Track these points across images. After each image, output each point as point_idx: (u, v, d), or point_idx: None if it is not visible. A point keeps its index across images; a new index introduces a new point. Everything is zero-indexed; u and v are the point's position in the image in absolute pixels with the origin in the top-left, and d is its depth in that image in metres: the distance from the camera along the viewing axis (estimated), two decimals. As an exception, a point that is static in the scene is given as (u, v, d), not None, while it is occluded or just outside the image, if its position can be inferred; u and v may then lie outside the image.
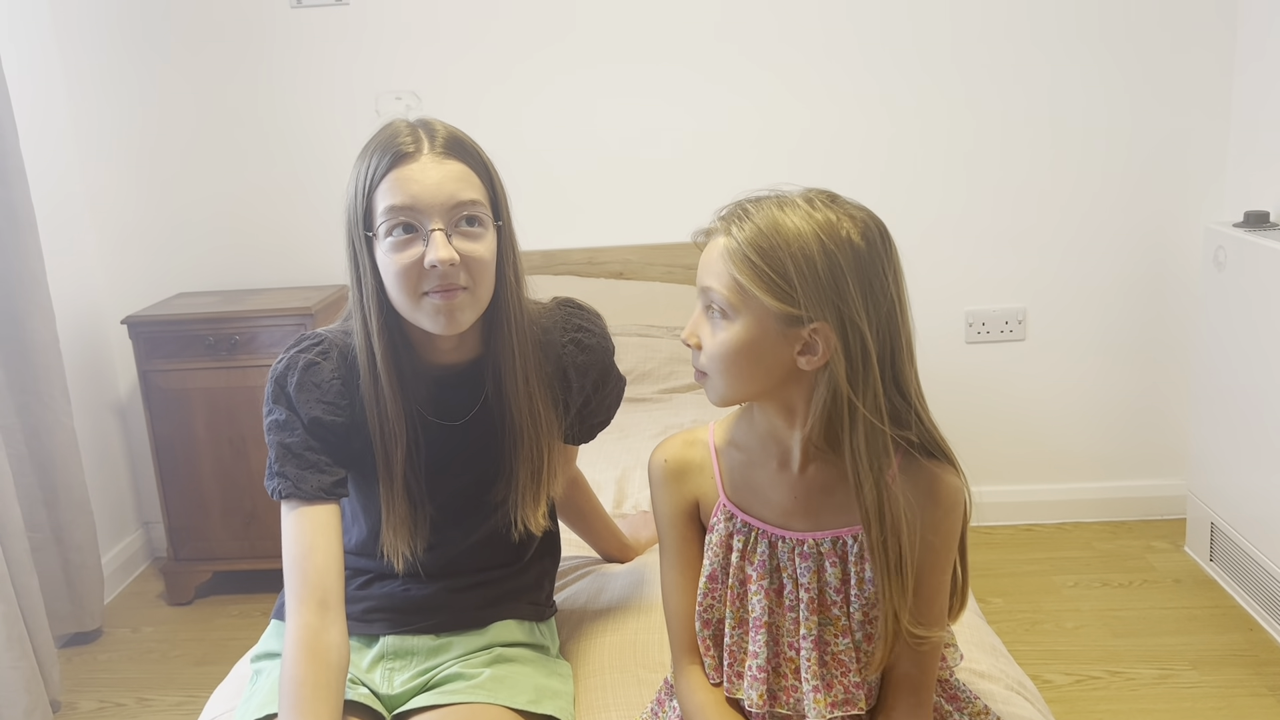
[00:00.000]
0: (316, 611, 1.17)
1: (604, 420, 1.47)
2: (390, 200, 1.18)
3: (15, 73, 2.55)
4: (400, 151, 1.19)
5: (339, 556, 1.22)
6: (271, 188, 2.90)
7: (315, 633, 1.15)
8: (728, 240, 1.04)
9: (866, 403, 1.03)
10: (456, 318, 1.21)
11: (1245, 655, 2.29)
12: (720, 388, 1.08)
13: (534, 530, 1.35)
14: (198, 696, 2.38)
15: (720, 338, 1.06)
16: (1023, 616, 2.49)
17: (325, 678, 1.13)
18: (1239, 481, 2.47)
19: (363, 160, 1.22)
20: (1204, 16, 2.67)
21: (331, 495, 1.24)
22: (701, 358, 1.08)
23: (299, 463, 1.23)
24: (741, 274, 1.02)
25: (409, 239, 1.18)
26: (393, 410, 1.24)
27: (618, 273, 2.87)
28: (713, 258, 1.06)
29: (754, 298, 1.02)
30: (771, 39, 2.75)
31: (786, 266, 1.01)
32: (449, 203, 1.18)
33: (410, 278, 1.18)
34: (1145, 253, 2.82)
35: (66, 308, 2.72)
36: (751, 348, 1.04)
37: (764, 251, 1.01)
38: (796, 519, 1.13)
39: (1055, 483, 2.98)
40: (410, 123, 1.24)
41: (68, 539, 2.53)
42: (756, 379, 1.06)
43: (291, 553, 1.21)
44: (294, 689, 1.12)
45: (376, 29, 2.79)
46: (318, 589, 1.18)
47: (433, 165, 1.19)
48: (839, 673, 1.12)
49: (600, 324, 1.43)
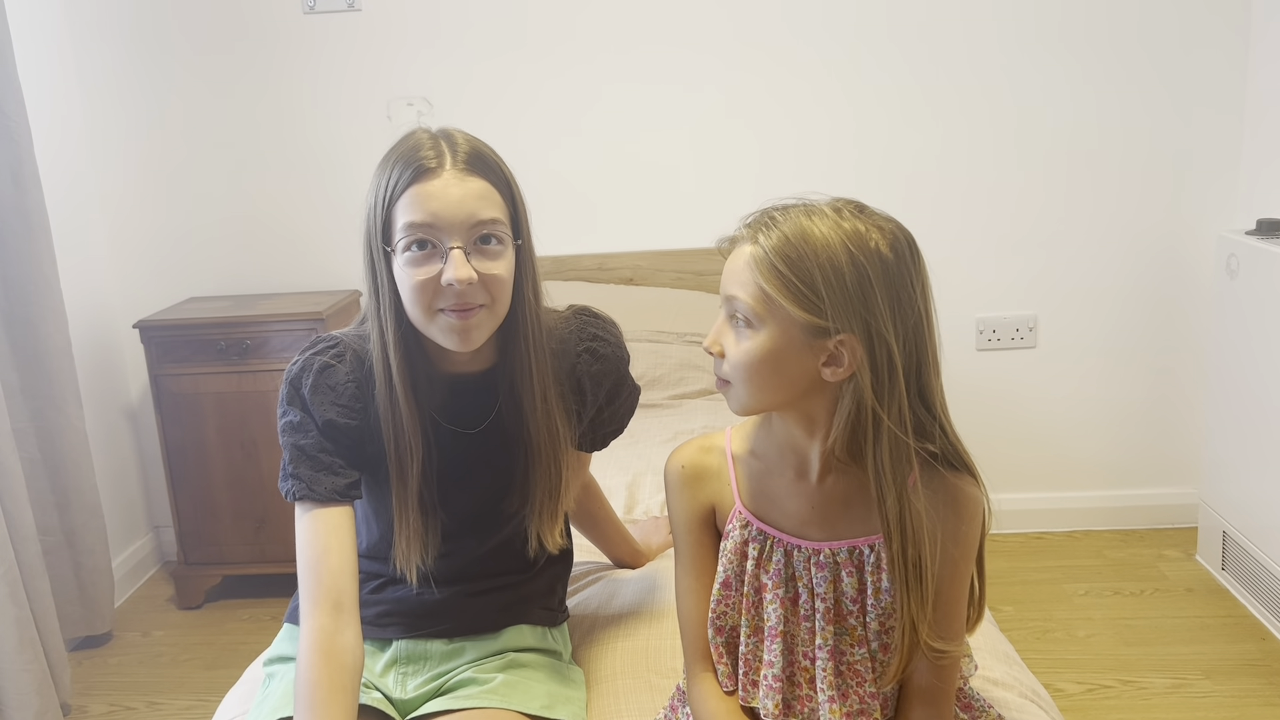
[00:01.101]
0: (331, 614, 1.17)
1: (617, 429, 1.46)
2: (410, 216, 1.17)
3: (30, 79, 2.56)
4: (422, 166, 1.18)
5: (353, 559, 1.22)
6: (283, 193, 2.91)
7: (330, 635, 1.15)
8: (754, 249, 1.03)
9: (891, 415, 1.02)
10: (471, 336, 1.20)
11: (1258, 665, 2.28)
12: (742, 397, 1.07)
13: (550, 548, 1.35)
14: (208, 700, 2.38)
15: (744, 347, 1.04)
16: (1034, 625, 2.48)
17: (341, 680, 1.13)
18: (1251, 490, 2.45)
19: (383, 171, 1.21)
20: (1216, 22, 2.67)
21: (345, 497, 1.24)
22: (724, 366, 1.07)
23: (313, 465, 1.23)
24: (768, 283, 1.01)
25: (427, 255, 1.17)
26: (408, 419, 1.24)
27: (628, 278, 2.87)
28: (738, 266, 1.04)
29: (780, 307, 1.01)
30: (782, 45, 2.75)
31: (814, 277, 0.99)
32: (469, 221, 1.18)
33: (426, 294, 1.18)
34: (1157, 260, 2.81)
35: (79, 312, 2.73)
36: (776, 357, 1.03)
37: (791, 261, 1.00)
38: (813, 528, 1.12)
39: (1066, 490, 2.97)
40: (432, 134, 1.22)
41: (79, 542, 2.54)
42: (780, 389, 1.05)
43: (306, 555, 1.21)
44: (309, 691, 1.12)
45: (388, 35, 2.80)
46: (332, 591, 1.18)
47: (455, 182, 1.18)
48: (854, 683, 1.12)
49: (616, 333, 1.42)
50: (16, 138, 2.31)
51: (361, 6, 2.78)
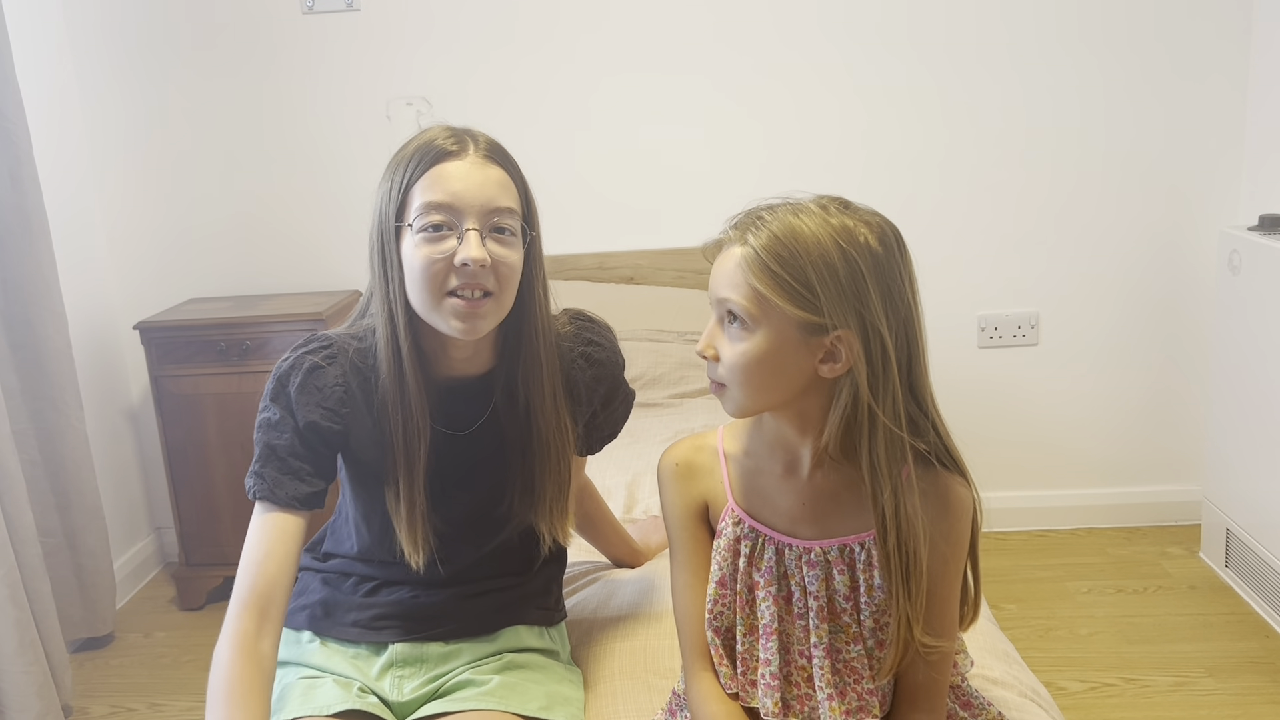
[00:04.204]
0: (255, 619, 1.17)
1: (610, 434, 1.46)
2: (430, 196, 1.18)
3: (29, 79, 2.56)
4: (444, 149, 1.20)
5: (292, 570, 1.22)
6: (283, 193, 2.91)
7: (250, 639, 1.16)
8: (744, 250, 1.02)
9: (886, 409, 1.02)
10: (477, 324, 1.20)
11: (1261, 662, 2.27)
12: (739, 399, 1.06)
13: (563, 542, 1.35)
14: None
15: (740, 348, 1.03)
16: (1036, 623, 2.47)
17: (260, 682, 1.14)
18: (1255, 487, 2.45)
19: (401, 159, 1.22)
20: (1219, 18, 2.66)
21: (305, 506, 1.24)
22: (719, 369, 1.06)
23: (281, 467, 1.24)
24: (761, 283, 1.00)
25: (442, 235, 1.18)
26: (416, 401, 1.24)
27: (628, 278, 2.87)
28: (729, 268, 1.04)
29: (774, 307, 1.00)
30: (782, 44, 2.74)
31: (808, 274, 0.99)
32: (487, 206, 1.19)
33: (437, 273, 1.18)
34: (1159, 256, 2.80)
35: (79, 313, 2.73)
36: (772, 358, 1.02)
37: (784, 260, 0.99)
38: (804, 526, 1.12)
39: (1069, 488, 2.96)
40: (452, 127, 1.24)
41: (80, 544, 2.54)
42: (778, 389, 1.05)
43: (248, 555, 1.21)
44: (227, 687, 1.13)
45: (388, 35, 2.79)
46: (262, 597, 1.18)
47: (476, 167, 1.20)
48: (852, 680, 1.12)
49: (611, 337, 1.42)
50: (15, 139, 2.31)
51: (360, 6, 2.77)
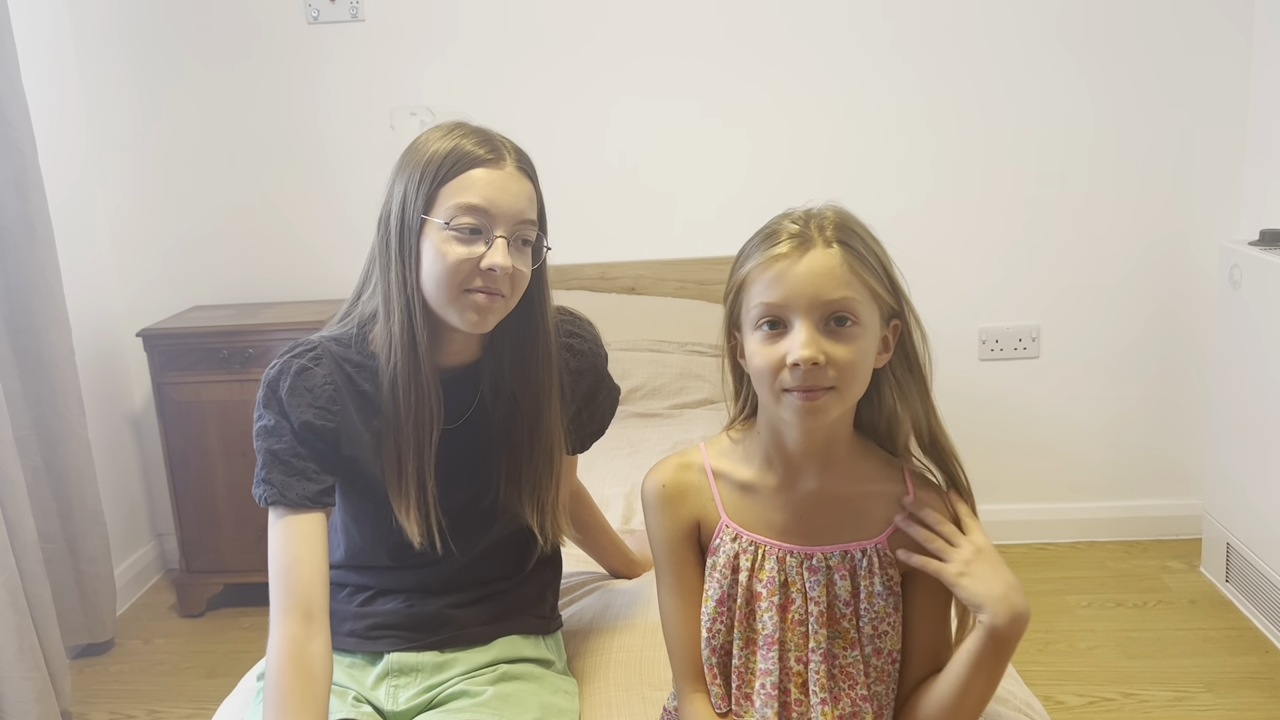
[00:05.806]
0: (301, 623, 1.18)
1: (598, 430, 1.48)
2: (467, 198, 1.21)
3: (34, 87, 2.57)
4: (480, 156, 1.23)
5: (324, 568, 1.23)
6: (286, 202, 2.92)
7: (300, 644, 1.16)
8: (841, 249, 1.03)
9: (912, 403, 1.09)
10: (488, 319, 1.25)
11: (1261, 678, 2.26)
12: (847, 401, 1.06)
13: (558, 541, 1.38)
14: (208, 709, 2.38)
15: (857, 347, 1.03)
16: (1035, 637, 2.47)
17: (310, 689, 1.14)
18: (1255, 502, 2.44)
19: (429, 157, 1.24)
20: (1219, 32, 2.66)
21: (318, 504, 1.25)
22: (829, 373, 1.02)
23: (286, 469, 1.24)
24: (870, 277, 1.03)
25: (473, 238, 1.22)
26: (432, 392, 1.26)
27: (630, 288, 2.88)
28: (829, 267, 1.01)
29: (876, 299, 1.04)
30: (785, 57, 2.75)
31: (886, 264, 1.05)
32: (518, 217, 1.24)
33: (461, 272, 1.21)
34: (1160, 270, 2.80)
35: (82, 320, 2.74)
36: (871, 351, 1.05)
37: (871, 250, 1.04)
38: (798, 537, 1.12)
39: (1069, 501, 2.96)
40: (477, 128, 1.27)
41: (81, 550, 2.54)
42: (866, 383, 1.07)
43: (277, 562, 1.22)
44: (279, 699, 1.13)
45: (392, 45, 2.81)
46: (303, 600, 1.19)
47: (514, 179, 1.24)
48: (846, 685, 1.12)
49: (593, 331, 1.44)
50: (20, 146, 2.33)
51: (365, 17, 2.79)
